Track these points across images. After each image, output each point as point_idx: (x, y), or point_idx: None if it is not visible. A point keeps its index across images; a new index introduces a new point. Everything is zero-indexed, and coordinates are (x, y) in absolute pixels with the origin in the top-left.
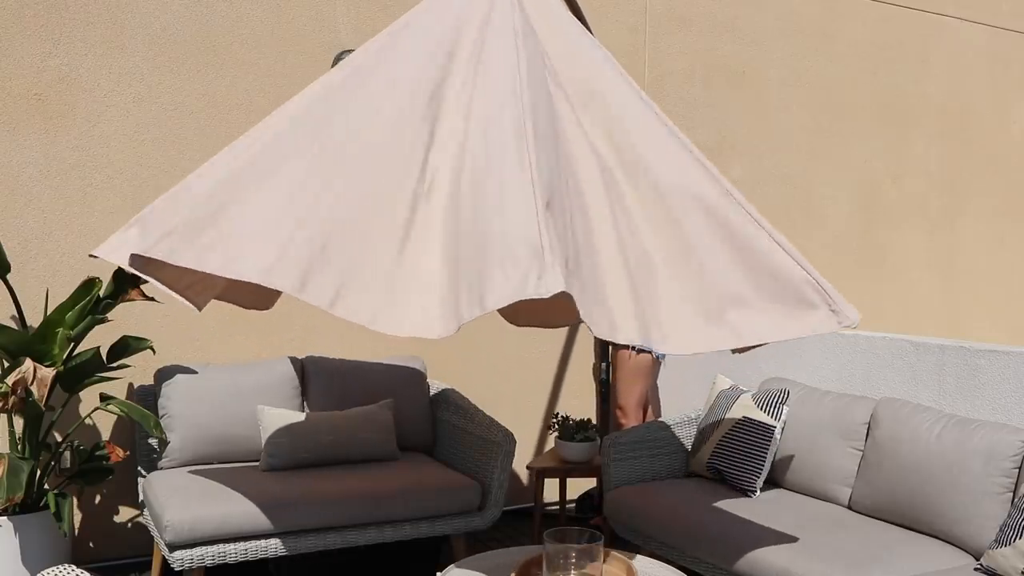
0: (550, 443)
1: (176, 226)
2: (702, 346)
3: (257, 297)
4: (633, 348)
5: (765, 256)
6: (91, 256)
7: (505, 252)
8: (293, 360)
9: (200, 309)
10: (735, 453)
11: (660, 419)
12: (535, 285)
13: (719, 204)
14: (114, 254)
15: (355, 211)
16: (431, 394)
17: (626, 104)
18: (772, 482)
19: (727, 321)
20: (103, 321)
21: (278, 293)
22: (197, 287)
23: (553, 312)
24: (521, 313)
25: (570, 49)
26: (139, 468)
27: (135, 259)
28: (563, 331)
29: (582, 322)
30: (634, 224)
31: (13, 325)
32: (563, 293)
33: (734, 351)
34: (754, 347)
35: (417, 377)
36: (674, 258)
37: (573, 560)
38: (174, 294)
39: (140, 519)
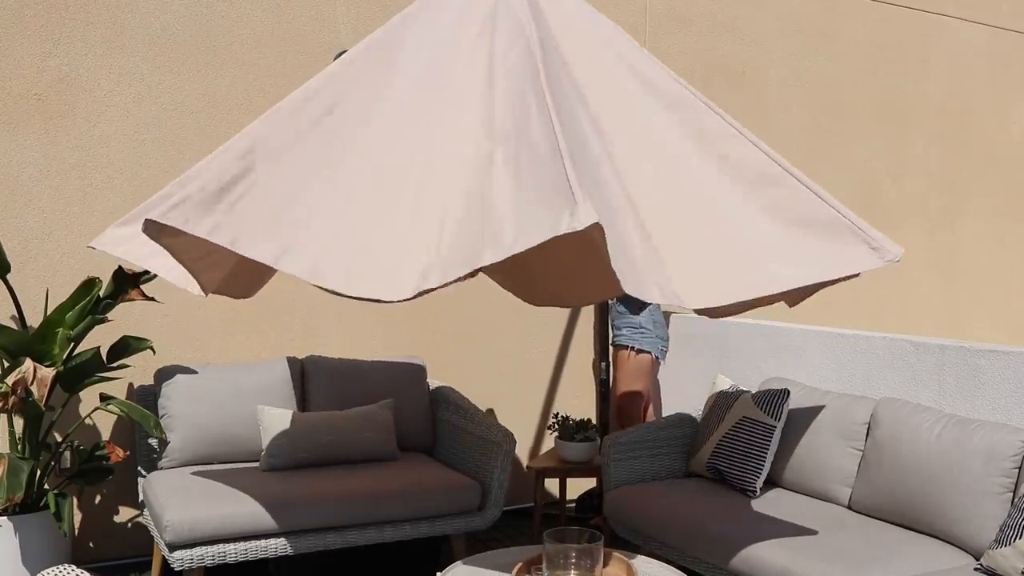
0: (550, 443)
1: (190, 195)
2: (742, 294)
3: (248, 285)
4: (632, 349)
5: (798, 201)
6: (89, 247)
7: (534, 195)
8: (293, 360)
9: (207, 294)
10: (735, 453)
11: (659, 419)
12: (568, 221)
13: (745, 153)
14: (111, 247)
15: (364, 189)
16: (431, 394)
17: (642, 65)
18: (772, 482)
19: (766, 268)
20: (103, 321)
21: (264, 279)
22: (203, 263)
23: (571, 288)
24: (538, 288)
25: (584, 28)
26: (139, 468)
27: (149, 224)
28: (563, 331)
29: (598, 301)
30: (661, 178)
31: (13, 325)
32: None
33: (789, 304)
34: (800, 297)
35: (417, 377)
36: (705, 209)
37: (573, 560)
38: (183, 270)
39: (140, 519)
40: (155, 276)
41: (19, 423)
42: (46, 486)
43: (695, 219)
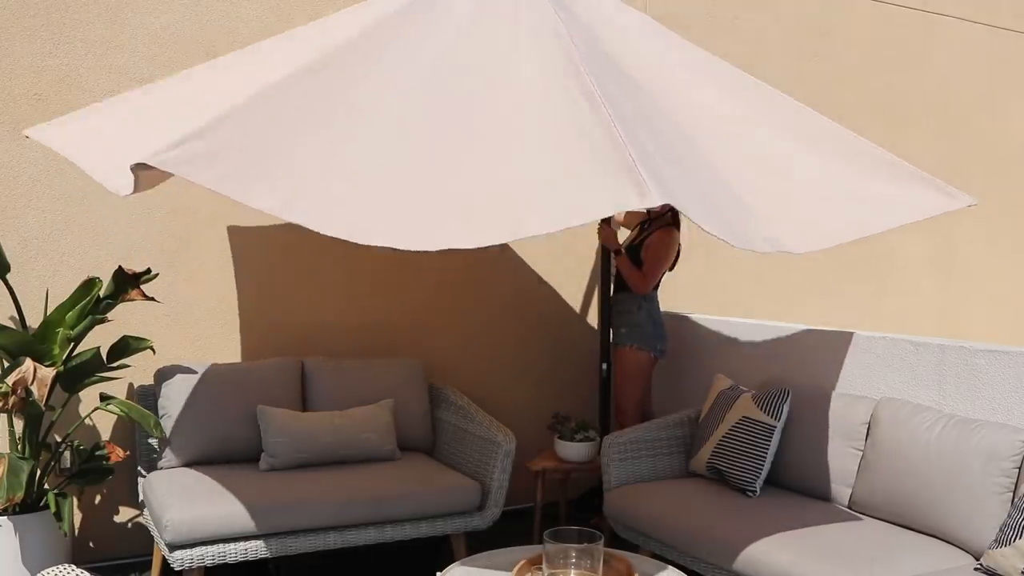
0: (550, 443)
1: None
2: (837, 238)
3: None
4: (632, 348)
5: (875, 155)
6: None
7: (590, 171)
8: (293, 360)
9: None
10: (735, 453)
11: (659, 419)
12: (637, 199)
13: (802, 115)
14: (45, 138)
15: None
16: (431, 394)
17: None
18: (772, 482)
19: (854, 214)
20: (103, 321)
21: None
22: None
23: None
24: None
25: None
26: (139, 468)
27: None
28: (562, 331)
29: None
30: (730, 143)
31: (13, 325)
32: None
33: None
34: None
35: (417, 377)
36: (781, 165)
37: (573, 560)
38: (110, 168)
39: (140, 519)
40: (155, 276)
41: (19, 423)
42: (46, 486)
43: (774, 176)
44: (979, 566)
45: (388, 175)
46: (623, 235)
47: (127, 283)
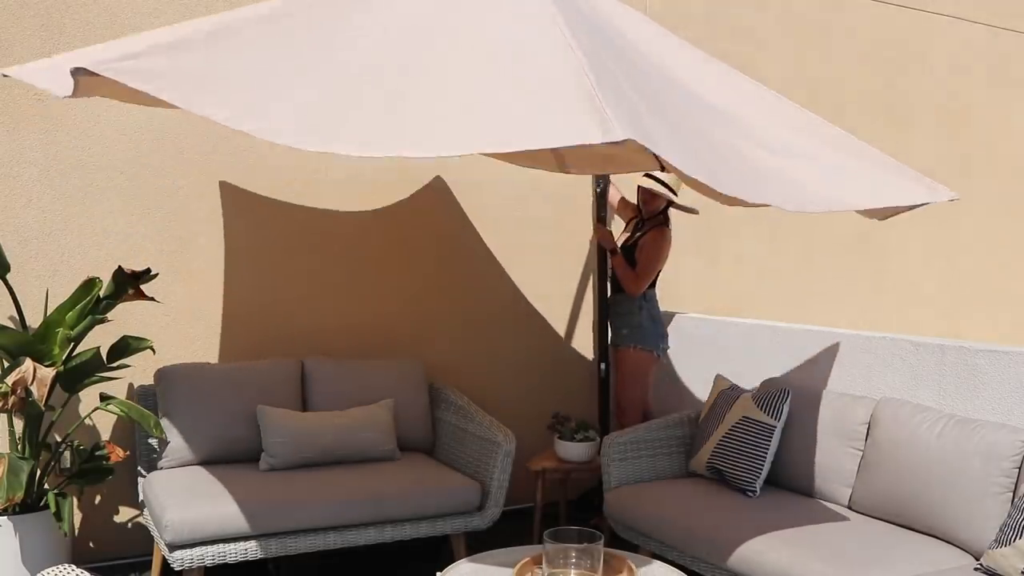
0: (550, 443)
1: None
2: (826, 204)
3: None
4: (632, 348)
5: (862, 147)
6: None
7: (556, 103)
8: (293, 360)
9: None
10: (735, 453)
11: (659, 419)
12: (601, 133)
13: (805, 113)
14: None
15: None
16: (431, 394)
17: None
18: (772, 482)
19: (846, 185)
20: (103, 321)
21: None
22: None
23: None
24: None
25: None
26: (139, 468)
27: (80, 71)
28: (562, 331)
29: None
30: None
31: (13, 325)
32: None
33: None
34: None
35: (417, 377)
36: (775, 141)
37: (573, 560)
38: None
39: (140, 519)
40: (156, 276)
41: (19, 423)
42: (46, 486)
43: (763, 149)
44: (979, 566)
45: (344, 90)
46: (622, 236)
47: (127, 283)
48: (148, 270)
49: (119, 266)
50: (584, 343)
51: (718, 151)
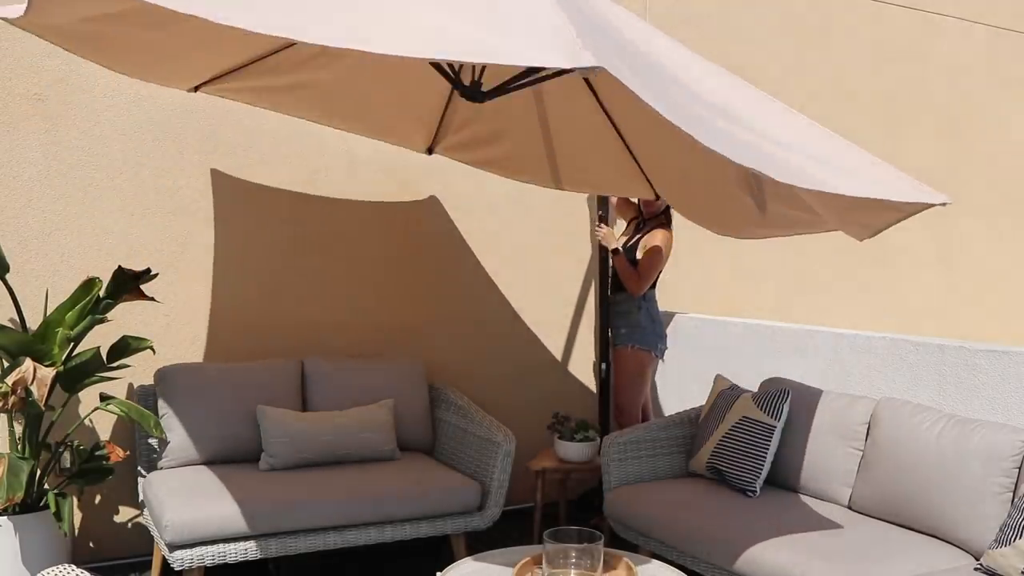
0: (550, 443)
1: None
2: (816, 183)
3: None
4: (632, 348)
5: (859, 150)
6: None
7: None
8: (293, 360)
9: (110, 66)
10: (735, 453)
11: (659, 419)
12: (573, 59)
13: (792, 117)
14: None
15: None
16: (431, 394)
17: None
18: (772, 482)
19: (838, 172)
20: (103, 321)
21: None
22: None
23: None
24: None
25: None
26: (139, 468)
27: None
28: (563, 331)
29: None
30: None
31: (13, 325)
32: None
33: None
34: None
35: (417, 377)
36: (769, 128)
37: (573, 560)
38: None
39: (140, 519)
40: (156, 276)
41: (19, 423)
42: (46, 486)
43: (751, 133)
44: (979, 566)
45: None
46: (623, 236)
47: (127, 283)
48: (148, 270)
49: (119, 266)
50: (585, 343)
51: (701, 116)
